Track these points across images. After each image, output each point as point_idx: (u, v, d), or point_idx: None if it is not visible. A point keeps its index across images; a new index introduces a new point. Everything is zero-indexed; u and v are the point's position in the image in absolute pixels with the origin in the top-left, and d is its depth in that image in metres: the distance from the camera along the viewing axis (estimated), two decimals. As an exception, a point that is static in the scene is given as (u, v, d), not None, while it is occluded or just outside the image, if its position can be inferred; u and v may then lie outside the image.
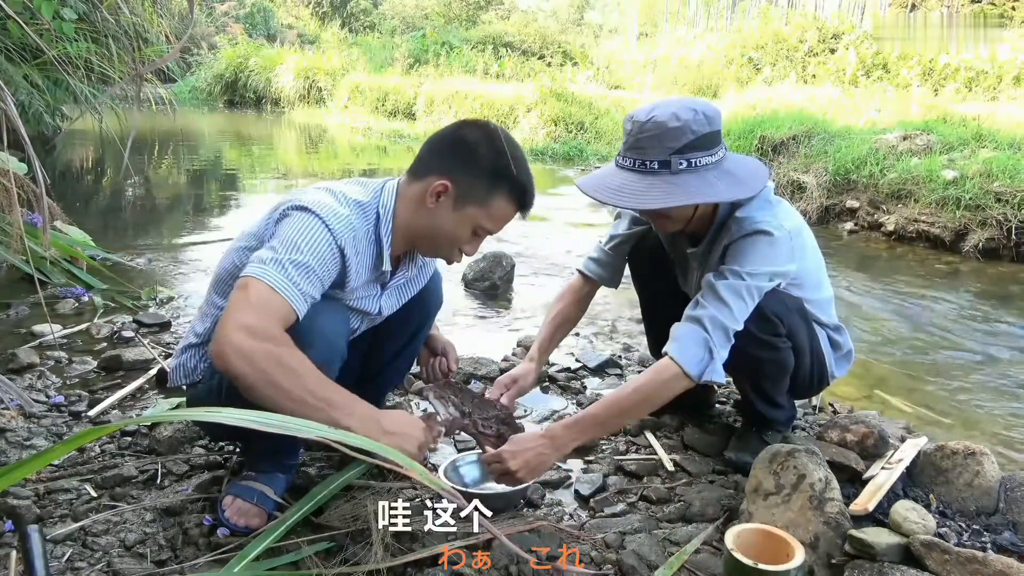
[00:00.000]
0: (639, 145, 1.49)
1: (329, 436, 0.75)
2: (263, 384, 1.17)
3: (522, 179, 1.39)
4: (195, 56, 14.80)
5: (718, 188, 1.49)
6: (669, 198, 1.47)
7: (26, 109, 4.75)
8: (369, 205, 1.42)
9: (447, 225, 1.39)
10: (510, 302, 3.34)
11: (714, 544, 1.46)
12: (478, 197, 1.37)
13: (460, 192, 1.37)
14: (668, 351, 1.49)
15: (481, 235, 1.43)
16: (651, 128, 1.47)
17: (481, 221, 1.40)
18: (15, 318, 2.63)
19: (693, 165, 1.47)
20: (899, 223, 5.05)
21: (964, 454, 1.57)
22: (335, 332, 1.39)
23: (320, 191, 1.40)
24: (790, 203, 1.68)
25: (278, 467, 1.52)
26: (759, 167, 1.59)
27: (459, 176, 1.36)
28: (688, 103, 1.50)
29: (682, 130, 1.45)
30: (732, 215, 1.59)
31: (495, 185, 1.37)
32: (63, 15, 3.74)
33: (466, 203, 1.38)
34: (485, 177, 1.37)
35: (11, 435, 1.78)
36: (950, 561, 1.25)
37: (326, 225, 1.31)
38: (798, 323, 1.66)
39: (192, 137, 10.16)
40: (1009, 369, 2.82)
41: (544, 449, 1.47)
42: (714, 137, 1.49)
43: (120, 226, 4.64)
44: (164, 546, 1.38)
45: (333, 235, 1.32)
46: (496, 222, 1.42)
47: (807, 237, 1.66)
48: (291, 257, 1.27)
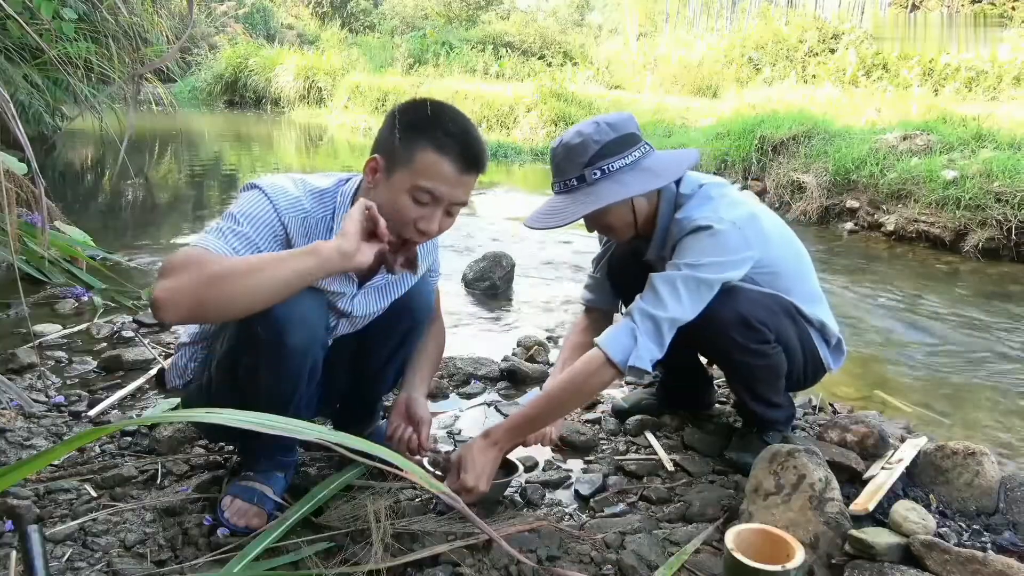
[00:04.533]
0: (558, 169, 1.60)
1: (326, 437, 0.75)
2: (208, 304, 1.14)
3: (446, 127, 1.30)
4: (195, 56, 14.79)
5: (631, 186, 1.54)
6: (582, 207, 1.55)
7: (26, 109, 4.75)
8: (328, 193, 1.40)
9: (385, 198, 1.31)
10: (510, 302, 3.34)
11: (714, 544, 1.46)
12: (402, 159, 1.30)
13: (387, 162, 1.32)
14: (596, 341, 1.52)
15: (425, 200, 1.30)
16: (561, 151, 1.58)
17: (413, 181, 1.29)
18: (15, 318, 2.63)
19: (607, 171, 1.54)
20: (899, 223, 5.05)
21: (964, 454, 1.57)
22: (314, 316, 1.34)
23: (281, 176, 1.40)
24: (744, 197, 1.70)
25: (275, 465, 1.52)
26: (684, 156, 1.62)
27: (383, 148, 1.33)
28: (593, 119, 1.60)
29: (585, 144, 1.55)
30: (672, 217, 1.64)
31: (414, 141, 1.29)
32: (63, 15, 3.74)
33: (394, 170, 1.31)
34: (404, 137, 1.30)
35: (11, 435, 1.78)
36: (950, 561, 1.25)
37: (271, 201, 1.32)
38: (785, 324, 1.66)
39: (192, 137, 10.16)
40: (1009, 369, 2.82)
41: (488, 454, 1.51)
42: (624, 141, 1.56)
43: (120, 226, 4.64)
44: (164, 546, 1.38)
45: (277, 211, 1.31)
46: (429, 177, 1.29)
47: (767, 224, 1.65)
48: (231, 227, 1.27)
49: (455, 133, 1.30)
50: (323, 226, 1.39)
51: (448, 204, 1.33)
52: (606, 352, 1.48)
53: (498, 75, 13.67)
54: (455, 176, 1.30)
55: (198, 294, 1.12)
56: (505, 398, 2.25)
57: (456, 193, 1.32)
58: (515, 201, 6.35)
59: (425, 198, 1.30)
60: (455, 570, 1.32)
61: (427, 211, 1.31)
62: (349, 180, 1.45)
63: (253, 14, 18.89)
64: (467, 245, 4.37)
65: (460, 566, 1.33)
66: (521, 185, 7.54)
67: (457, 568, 1.33)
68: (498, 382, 2.35)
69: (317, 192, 1.40)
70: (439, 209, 1.33)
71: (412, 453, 1.58)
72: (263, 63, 14.03)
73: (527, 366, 2.38)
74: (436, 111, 1.31)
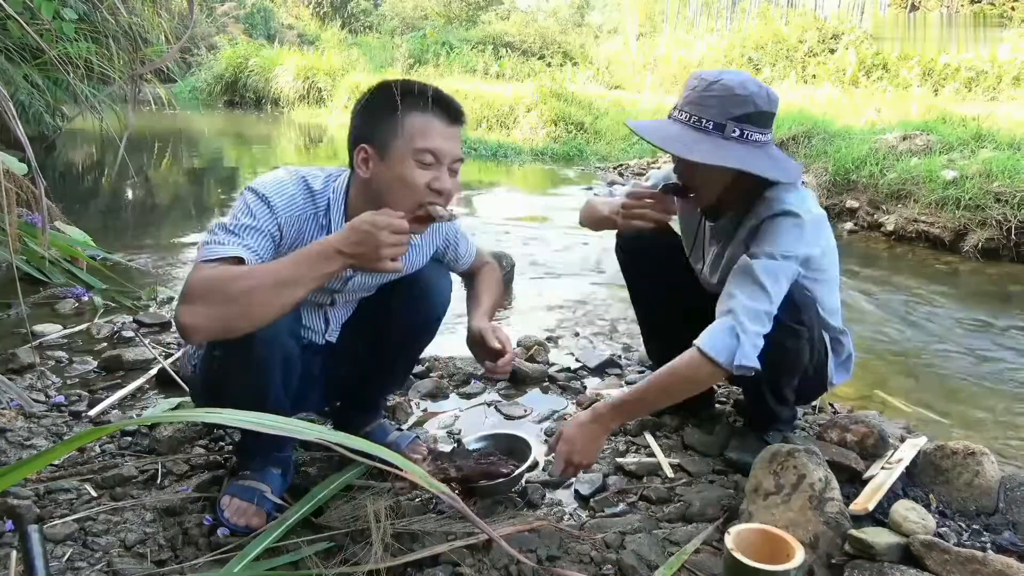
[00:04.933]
0: (701, 102, 1.52)
1: (326, 437, 0.75)
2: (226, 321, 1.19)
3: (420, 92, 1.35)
4: (195, 56, 14.79)
5: (763, 164, 1.51)
6: (716, 156, 1.49)
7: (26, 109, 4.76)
8: (320, 194, 1.42)
9: (389, 176, 1.35)
10: (510, 302, 3.35)
11: (714, 544, 1.46)
12: (393, 132, 1.34)
13: (377, 143, 1.35)
14: (697, 344, 1.47)
15: (429, 161, 1.34)
16: (718, 90, 1.50)
17: (412, 146, 1.33)
18: (15, 318, 2.63)
19: (744, 136, 1.50)
20: (899, 223, 5.05)
21: (964, 454, 1.57)
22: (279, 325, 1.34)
23: (280, 169, 1.43)
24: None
25: (271, 461, 1.53)
26: (797, 163, 1.63)
27: (367, 133, 1.36)
28: (756, 79, 1.54)
29: (747, 100, 1.49)
30: (761, 195, 1.61)
31: (398, 114, 1.34)
32: (63, 15, 3.74)
33: (388, 146, 1.34)
34: (388, 114, 1.34)
35: (11, 435, 1.78)
36: (950, 561, 1.25)
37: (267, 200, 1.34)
38: (814, 318, 1.66)
39: (192, 137, 10.16)
40: (1009, 369, 2.82)
41: (595, 432, 1.54)
42: (769, 119, 1.53)
43: (120, 226, 4.64)
44: (164, 546, 1.38)
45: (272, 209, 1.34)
46: (425, 136, 1.34)
47: (828, 230, 1.69)
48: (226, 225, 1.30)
49: (428, 94, 1.36)
50: (314, 223, 1.41)
51: (450, 161, 1.38)
52: (709, 355, 1.44)
53: (498, 75, 13.67)
54: (446, 129, 1.37)
55: (224, 318, 1.18)
56: (505, 398, 2.25)
57: (452, 146, 1.37)
58: (515, 201, 6.35)
59: (428, 158, 1.34)
60: (455, 570, 1.32)
61: (435, 172, 1.36)
62: (338, 178, 1.46)
63: (253, 14, 18.89)
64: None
65: (460, 566, 1.33)
66: (521, 185, 7.54)
67: (457, 568, 1.33)
68: (498, 382, 2.35)
69: (309, 190, 1.42)
70: (444, 167, 1.37)
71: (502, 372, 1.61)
72: (263, 63, 14.03)
73: (527, 366, 2.38)
74: (406, 85, 1.36)
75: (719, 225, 1.71)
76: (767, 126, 1.53)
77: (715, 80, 1.51)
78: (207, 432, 1.82)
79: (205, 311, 1.17)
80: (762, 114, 1.51)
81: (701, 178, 1.61)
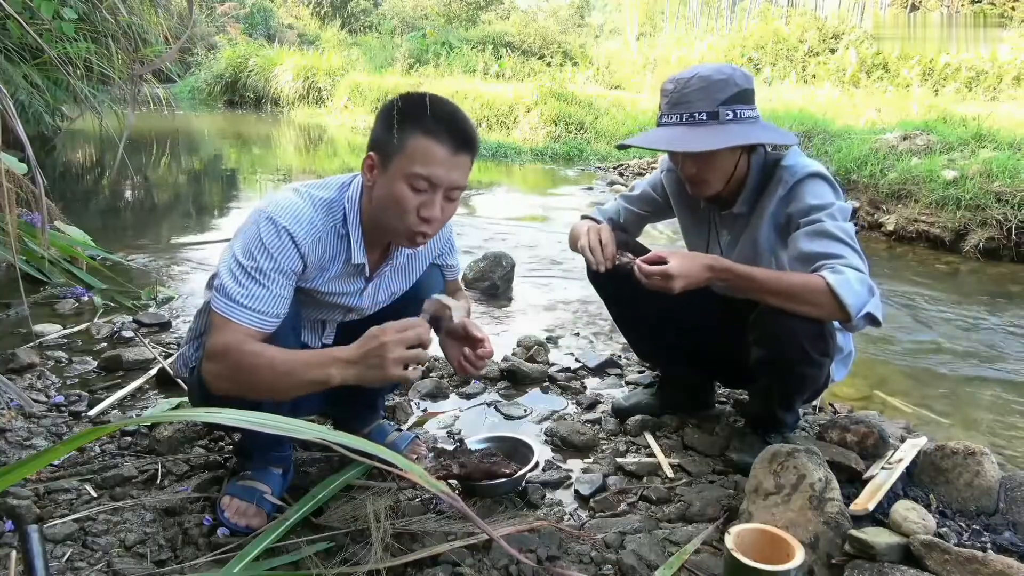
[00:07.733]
0: (685, 100, 1.56)
1: (326, 437, 0.75)
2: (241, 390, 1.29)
3: (433, 113, 1.31)
4: (194, 56, 14.79)
5: (768, 134, 1.58)
6: (723, 140, 1.53)
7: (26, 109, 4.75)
8: (336, 202, 1.42)
9: (384, 190, 1.34)
10: (510, 302, 3.34)
11: (714, 544, 1.46)
12: (395, 148, 1.31)
13: (382, 155, 1.34)
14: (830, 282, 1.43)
15: (422, 187, 1.31)
16: (696, 83, 1.55)
17: (408, 169, 1.30)
18: (15, 318, 2.63)
19: (738, 116, 1.55)
20: (899, 223, 5.05)
21: (964, 454, 1.56)
22: None
23: (288, 191, 1.41)
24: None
25: (269, 461, 1.53)
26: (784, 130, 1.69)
27: (376, 143, 1.35)
28: (725, 63, 1.61)
29: (727, 82, 1.54)
30: (777, 165, 1.65)
31: (404, 130, 1.31)
32: (63, 15, 3.74)
33: (390, 161, 1.32)
34: (396, 128, 1.32)
35: (11, 435, 1.78)
36: (950, 561, 1.25)
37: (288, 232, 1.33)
38: (834, 347, 1.62)
39: (192, 137, 10.16)
40: (1009, 369, 2.82)
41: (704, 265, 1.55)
42: (752, 95, 1.58)
43: (120, 226, 4.64)
44: (164, 546, 1.38)
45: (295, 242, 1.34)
46: (423, 162, 1.29)
47: None
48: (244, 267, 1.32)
49: (442, 117, 1.32)
50: (333, 235, 1.41)
51: (447, 188, 1.34)
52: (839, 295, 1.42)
53: (498, 75, 13.67)
54: (448, 158, 1.31)
55: (236, 383, 1.29)
56: (505, 398, 2.25)
57: (451, 176, 1.32)
58: (515, 201, 6.35)
59: (422, 184, 1.31)
60: (455, 570, 1.32)
61: (426, 197, 1.32)
62: (351, 185, 1.45)
63: (253, 14, 18.90)
64: (467, 245, 4.37)
65: (460, 566, 1.33)
66: (521, 185, 7.53)
67: (457, 568, 1.33)
68: (498, 382, 2.35)
69: (325, 204, 1.40)
70: (438, 194, 1.33)
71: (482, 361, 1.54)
72: (263, 63, 14.03)
73: (527, 366, 2.38)
74: (423, 100, 1.33)
75: (739, 209, 1.71)
76: (752, 101, 1.58)
77: (690, 76, 1.57)
78: (207, 432, 1.82)
79: (227, 379, 1.29)
80: (744, 91, 1.56)
81: (709, 169, 1.63)
